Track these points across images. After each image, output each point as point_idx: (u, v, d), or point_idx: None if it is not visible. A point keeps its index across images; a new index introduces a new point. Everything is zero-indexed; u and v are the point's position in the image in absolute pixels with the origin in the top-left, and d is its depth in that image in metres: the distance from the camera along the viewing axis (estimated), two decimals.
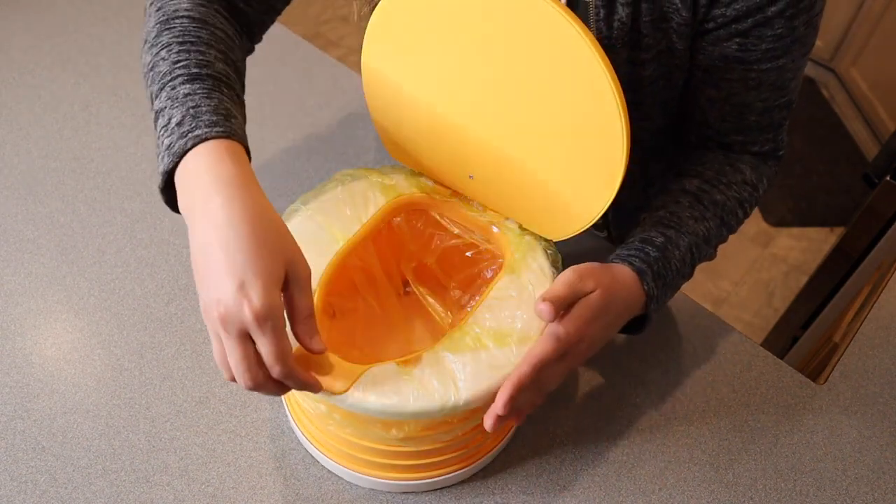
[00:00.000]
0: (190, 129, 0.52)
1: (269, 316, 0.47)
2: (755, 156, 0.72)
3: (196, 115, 0.53)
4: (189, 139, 0.52)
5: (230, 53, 0.61)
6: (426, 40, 0.61)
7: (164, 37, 0.59)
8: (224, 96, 0.56)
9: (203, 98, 0.54)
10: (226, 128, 0.52)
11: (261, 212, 0.49)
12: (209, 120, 0.52)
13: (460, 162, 0.67)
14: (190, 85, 0.55)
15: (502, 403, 0.54)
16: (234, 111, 0.55)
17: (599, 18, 0.62)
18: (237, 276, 0.47)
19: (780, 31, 0.60)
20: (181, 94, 0.54)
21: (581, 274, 0.57)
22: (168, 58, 0.57)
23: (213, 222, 0.48)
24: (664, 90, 0.69)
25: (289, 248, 0.50)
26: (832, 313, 1.09)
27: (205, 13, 0.62)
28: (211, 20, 0.62)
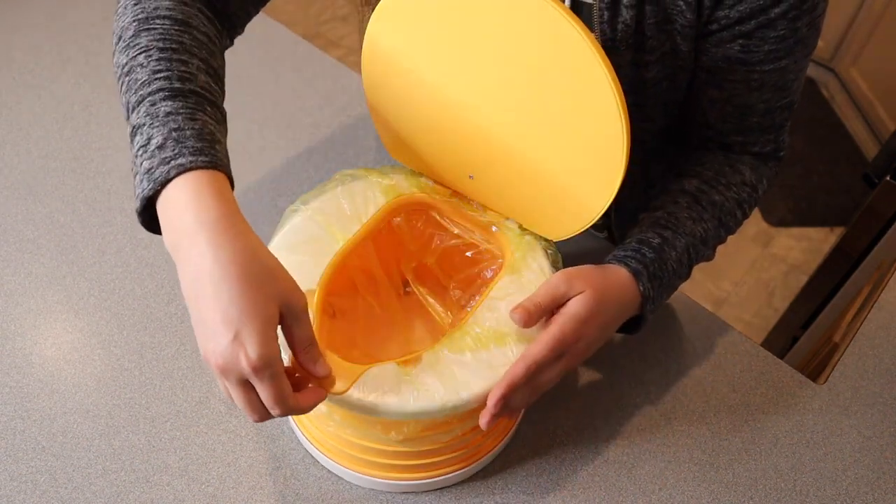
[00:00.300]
0: (172, 155, 0.49)
1: (266, 366, 0.46)
2: (756, 156, 0.72)
3: (179, 140, 0.50)
4: (172, 167, 0.49)
5: (212, 60, 0.57)
6: (427, 41, 0.61)
7: (143, 38, 0.55)
8: (208, 117, 0.53)
9: (186, 119, 0.51)
10: (210, 157, 0.50)
11: (249, 254, 0.47)
12: (193, 147, 0.49)
13: (460, 162, 0.67)
14: (172, 102, 0.51)
15: (493, 403, 0.54)
16: (217, 134, 0.53)
17: (603, 21, 0.62)
18: (231, 327, 0.46)
19: (783, 33, 0.60)
20: (162, 112, 0.51)
21: (568, 277, 0.58)
22: (147, 65, 0.53)
23: (200, 270, 0.47)
24: (667, 92, 0.69)
25: (281, 285, 0.48)
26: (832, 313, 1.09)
27: (187, 13, 0.58)
28: (194, 21, 0.58)
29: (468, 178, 0.68)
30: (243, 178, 0.90)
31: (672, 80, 0.67)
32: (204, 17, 0.60)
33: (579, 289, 0.57)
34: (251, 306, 0.46)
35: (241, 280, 0.46)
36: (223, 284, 0.46)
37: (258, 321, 0.46)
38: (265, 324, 0.46)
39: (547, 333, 0.55)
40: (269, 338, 0.46)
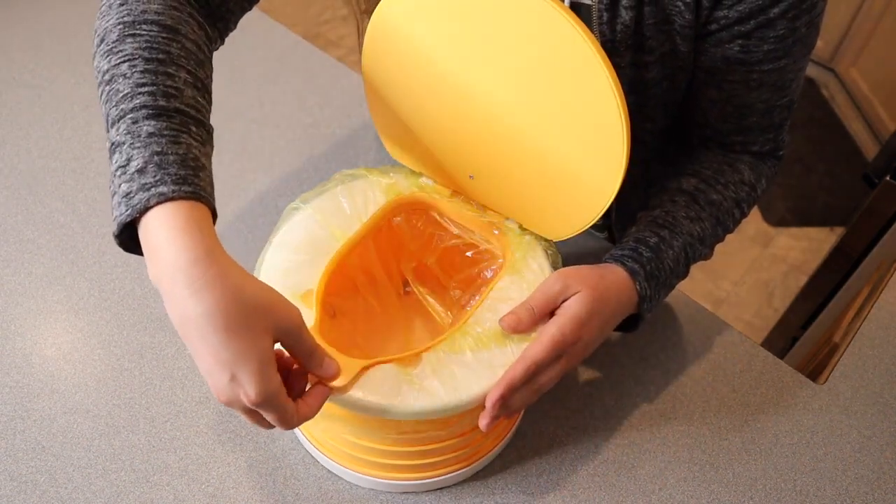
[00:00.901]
0: (153, 182, 0.46)
1: (266, 401, 0.46)
2: (755, 155, 0.72)
3: (161, 166, 0.47)
4: (152, 195, 0.46)
5: (199, 71, 0.54)
6: (427, 41, 0.61)
7: (128, 44, 0.52)
8: (192, 138, 0.50)
9: (170, 143, 0.48)
10: (193, 187, 0.47)
11: (231, 297, 0.45)
12: (175, 175, 0.47)
13: (461, 162, 0.67)
14: (155, 122, 0.48)
15: (492, 404, 0.54)
16: (202, 159, 0.50)
17: (603, 22, 0.62)
18: (227, 369, 0.45)
19: (783, 33, 0.60)
20: (144, 131, 0.48)
21: (564, 277, 0.58)
22: (130, 76, 0.50)
23: (184, 317, 0.45)
24: (667, 92, 0.69)
25: (271, 316, 0.47)
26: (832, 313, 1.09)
27: (176, 19, 0.55)
28: (183, 28, 0.55)
29: (468, 177, 0.68)
30: (243, 178, 0.90)
31: (672, 80, 0.67)
32: (195, 21, 0.57)
33: (576, 289, 0.57)
34: (242, 349, 0.45)
35: (228, 327, 0.45)
36: (209, 334, 0.45)
37: (252, 362, 0.45)
38: (260, 363, 0.46)
39: (545, 334, 0.55)
40: (266, 375, 0.46)
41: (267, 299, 0.47)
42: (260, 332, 0.46)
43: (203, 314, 0.44)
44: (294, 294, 0.60)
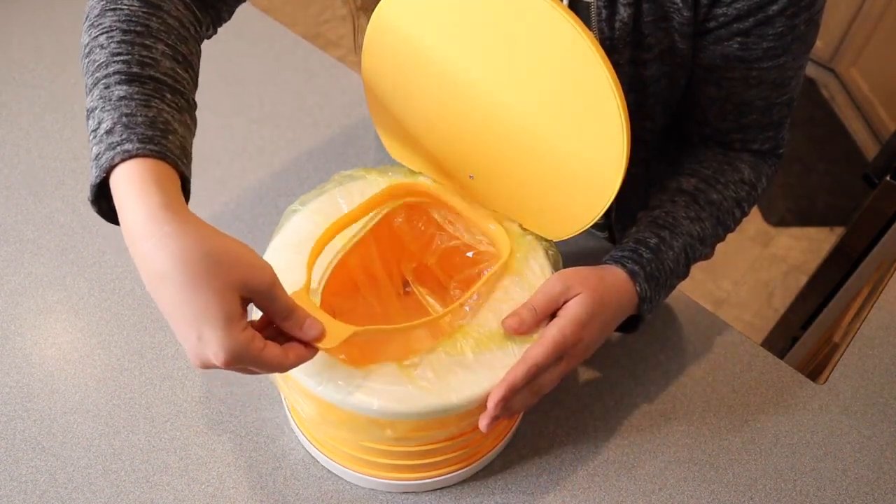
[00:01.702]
0: (119, 140, 0.46)
1: (236, 360, 0.45)
2: (755, 154, 0.72)
3: (129, 126, 0.47)
4: (117, 153, 0.46)
5: (181, 46, 0.54)
6: (426, 41, 0.61)
7: (108, 18, 0.52)
8: (166, 105, 0.50)
9: (140, 106, 0.48)
10: (159, 147, 0.47)
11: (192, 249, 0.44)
12: (142, 134, 0.47)
13: (461, 161, 0.67)
14: (127, 87, 0.49)
15: (493, 405, 0.54)
16: (174, 124, 0.49)
17: (601, 19, 0.62)
18: (193, 328, 0.44)
19: (782, 30, 0.60)
20: (115, 95, 0.48)
21: (565, 278, 0.58)
22: (107, 46, 0.50)
23: (150, 272, 0.44)
24: (667, 90, 0.69)
25: (235, 271, 0.45)
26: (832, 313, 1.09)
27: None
28: (165, 5, 0.55)
29: (468, 178, 0.68)
30: (243, 178, 0.90)
31: (671, 78, 0.67)
32: (180, 1, 0.58)
33: (577, 290, 0.57)
34: (206, 305, 0.44)
35: (190, 281, 0.44)
36: (173, 288, 0.44)
37: (216, 318, 0.44)
38: (224, 320, 0.44)
39: (546, 335, 0.56)
40: (231, 334, 0.44)
41: (232, 254, 0.45)
42: (224, 288, 0.44)
43: (164, 270, 0.44)
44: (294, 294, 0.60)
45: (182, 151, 0.49)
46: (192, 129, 0.53)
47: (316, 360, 0.56)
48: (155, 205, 0.45)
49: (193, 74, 0.55)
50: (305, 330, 0.50)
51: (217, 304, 0.44)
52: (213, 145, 0.93)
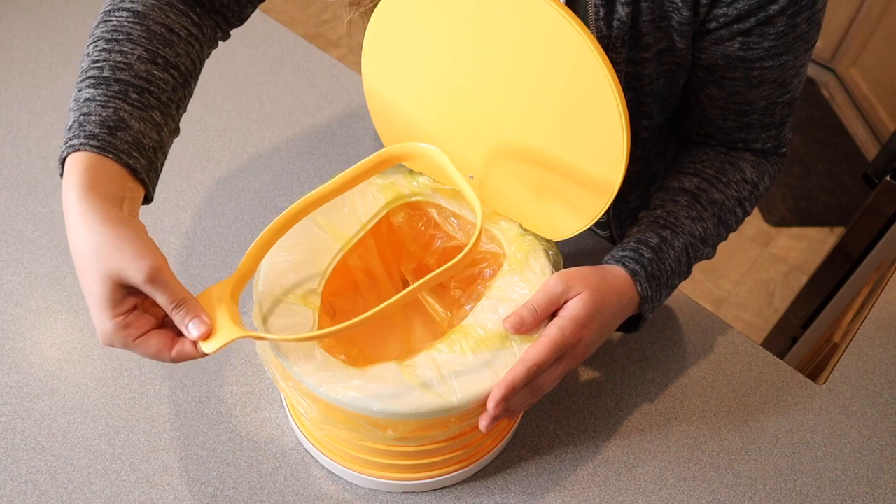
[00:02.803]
0: (71, 136, 0.53)
1: (108, 341, 0.50)
2: (757, 153, 0.72)
3: (82, 124, 0.53)
4: (67, 147, 0.52)
5: (163, 50, 0.59)
6: (426, 41, 0.61)
7: (99, 29, 0.59)
8: (127, 104, 0.54)
9: (98, 106, 0.54)
10: (101, 142, 0.52)
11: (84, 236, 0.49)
12: (90, 132, 0.52)
13: (461, 162, 0.67)
14: (93, 90, 0.55)
15: (494, 404, 0.54)
16: (131, 122, 0.54)
17: (599, 18, 0.62)
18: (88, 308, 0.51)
19: (783, 29, 0.60)
20: (82, 97, 0.55)
21: (566, 278, 0.58)
22: (91, 54, 0.57)
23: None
24: (665, 88, 0.69)
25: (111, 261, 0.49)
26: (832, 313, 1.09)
27: (149, 6, 0.60)
28: (152, 13, 0.60)
29: (468, 178, 0.68)
30: (243, 178, 0.90)
31: (669, 77, 0.67)
32: (173, 10, 0.62)
33: (578, 290, 0.57)
34: (88, 290, 0.49)
35: (79, 266, 0.50)
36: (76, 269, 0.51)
37: (92, 303, 0.49)
38: (98, 305, 0.49)
39: (547, 336, 0.55)
40: (102, 319, 0.49)
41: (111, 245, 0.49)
42: (99, 276, 0.49)
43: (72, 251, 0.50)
44: (294, 294, 0.60)
45: (133, 146, 0.54)
46: (163, 123, 0.58)
47: (316, 360, 0.56)
48: (73, 195, 0.51)
49: (177, 74, 0.60)
50: (189, 328, 0.51)
51: (93, 290, 0.49)
52: (214, 145, 0.93)
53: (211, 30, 0.68)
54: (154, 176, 0.57)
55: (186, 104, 0.63)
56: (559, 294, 0.57)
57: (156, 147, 0.57)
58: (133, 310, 0.51)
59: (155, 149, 0.57)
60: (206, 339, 0.51)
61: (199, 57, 0.65)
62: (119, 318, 0.50)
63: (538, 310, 0.57)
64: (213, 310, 0.53)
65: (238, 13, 0.70)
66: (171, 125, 0.59)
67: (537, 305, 0.57)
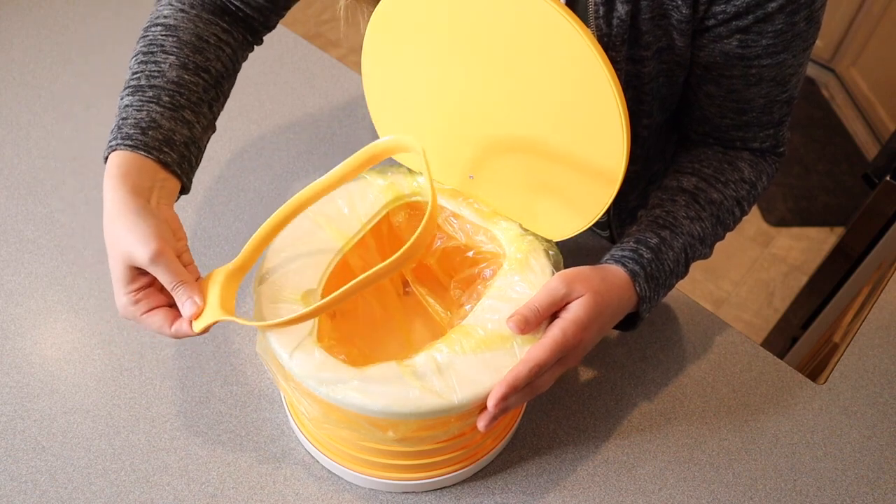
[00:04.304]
0: (112, 139, 0.61)
1: (122, 314, 0.57)
2: (755, 152, 0.72)
3: (120, 127, 0.61)
4: (108, 147, 0.61)
5: (194, 56, 0.66)
6: (426, 41, 0.61)
7: (139, 45, 0.66)
8: (159, 106, 0.62)
9: (134, 111, 0.62)
10: (134, 141, 0.60)
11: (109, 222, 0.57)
12: (125, 133, 0.60)
13: (461, 162, 0.67)
14: (131, 97, 0.63)
15: (494, 404, 0.54)
16: (162, 121, 0.62)
17: (599, 16, 0.62)
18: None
19: (781, 27, 0.60)
20: (122, 105, 0.63)
21: (568, 280, 0.58)
22: (132, 67, 0.65)
23: None
24: (664, 87, 0.69)
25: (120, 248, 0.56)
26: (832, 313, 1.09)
27: (181, 19, 0.67)
28: (184, 25, 0.67)
29: (468, 178, 0.68)
30: (243, 178, 0.90)
31: (669, 75, 0.67)
32: (202, 20, 0.69)
33: (580, 292, 0.57)
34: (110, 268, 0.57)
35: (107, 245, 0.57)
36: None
37: (112, 280, 0.57)
38: (115, 282, 0.56)
39: (549, 337, 0.56)
40: (118, 295, 0.56)
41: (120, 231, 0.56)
42: (115, 257, 0.56)
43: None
44: (294, 294, 0.60)
45: (164, 142, 0.61)
46: (194, 120, 0.64)
47: (316, 360, 0.56)
48: (108, 187, 0.58)
49: (207, 76, 0.67)
50: (184, 306, 0.56)
51: (113, 269, 0.56)
52: (214, 145, 0.93)
53: (241, 35, 0.73)
54: (187, 167, 0.63)
55: (222, 103, 0.70)
56: (561, 296, 0.57)
57: (187, 142, 0.63)
58: (146, 288, 0.57)
59: (186, 144, 0.63)
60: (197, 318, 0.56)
61: (231, 60, 0.70)
62: (130, 294, 0.56)
63: (540, 310, 0.57)
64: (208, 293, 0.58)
65: (263, 22, 0.74)
66: (202, 122, 0.65)
67: (539, 306, 0.57)
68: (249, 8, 0.72)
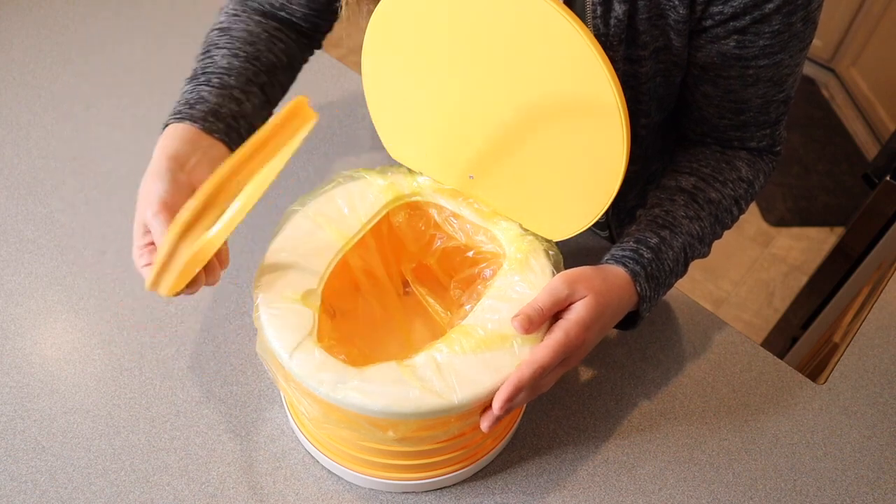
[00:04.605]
0: (169, 114, 0.68)
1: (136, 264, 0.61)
2: (752, 151, 0.72)
3: (176, 106, 0.68)
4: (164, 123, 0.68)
5: (245, 48, 0.73)
6: (426, 40, 0.61)
7: (202, 47, 0.75)
8: (208, 87, 0.69)
9: (187, 94, 0.69)
10: (181, 115, 0.67)
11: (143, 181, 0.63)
12: (177, 110, 0.68)
13: (460, 162, 0.67)
14: (188, 86, 0.70)
15: (500, 405, 0.54)
16: (210, 97, 0.68)
17: (596, 16, 0.62)
18: None
19: (778, 28, 0.61)
20: (182, 91, 0.71)
21: (570, 280, 0.58)
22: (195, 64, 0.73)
23: None
24: (662, 87, 0.69)
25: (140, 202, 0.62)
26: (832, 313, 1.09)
27: (234, 21, 0.76)
28: (236, 25, 0.75)
29: (468, 178, 0.68)
30: None
31: (666, 75, 0.67)
32: (253, 21, 0.76)
33: (582, 293, 0.58)
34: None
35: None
36: None
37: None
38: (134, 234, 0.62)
39: (552, 338, 0.56)
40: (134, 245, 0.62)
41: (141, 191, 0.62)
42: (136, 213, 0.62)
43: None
44: (294, 294, 0.60)
45: (209, 113, 0.67)
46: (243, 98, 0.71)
47: (316, 360, 0.56)
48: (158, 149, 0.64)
49: (258, 63, 0.73)
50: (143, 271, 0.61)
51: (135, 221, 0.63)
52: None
53: (294, 35, 0.79)
54: (236, 136, 0.69)
55: (279, 90, 0.76)
56: (564, 296, 0.57)
57: (235, 115, 0.69)
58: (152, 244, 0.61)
59: (234, 117, 0.69)
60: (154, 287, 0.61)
61: (284, 53, 0.76)
62: (137, 248, 0.61)
63: (544, 310, 0.57)
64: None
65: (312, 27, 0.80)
66: (253, 101, 0.71)
67: (543, 305, 0.57)
68: (295, 16, 0.77)
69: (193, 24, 1.13)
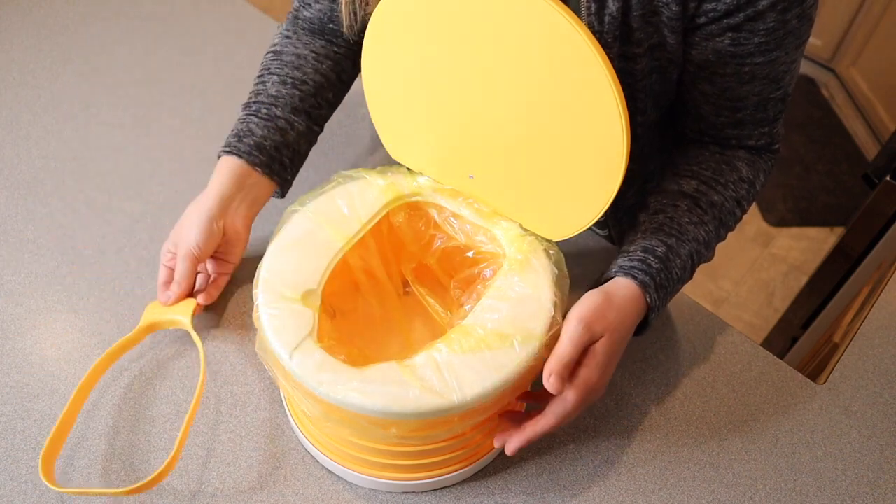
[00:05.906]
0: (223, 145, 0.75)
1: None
2: (751, 150, 0.72)
3: (228, 138, 0.75)
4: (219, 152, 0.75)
5: (293, 73, 0.78)
6: (426, 41, 0.61)
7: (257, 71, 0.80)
8: (257, 118, 0.75)
9: (239, 123, 0.76)
10: (231, 148, 0.74)
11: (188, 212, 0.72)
12: (227, 142, 0.74)
13: (460, 162, 0.67)
14: (242, 113, 0.77)
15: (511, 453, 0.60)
16: (256, 129, 0.74)
17: (591, 13, 0.62)
18: None
19: (773, 25, 0.61)
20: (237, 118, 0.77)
21: (587, 323, 0.58)
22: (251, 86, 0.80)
23: None
24: (658, 84, 0.69)
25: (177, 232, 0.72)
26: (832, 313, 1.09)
27: (285, 44, 0.80)
28: (287, 49, 0.80)
29: (468, 178, 0.68)
30: None
31: (662, 73, 0.67)
32: (301, 42, 0.80)
33: (600, 333, 0.59)
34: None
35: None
36: None
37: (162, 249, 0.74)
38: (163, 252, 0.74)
39: (575, 387, 0.57)
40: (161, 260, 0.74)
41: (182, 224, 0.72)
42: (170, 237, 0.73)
43: None
44: (294, 294, 0.60)
45: (254, 147, 0.74)
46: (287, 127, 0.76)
47: (316, 360, 0.56)
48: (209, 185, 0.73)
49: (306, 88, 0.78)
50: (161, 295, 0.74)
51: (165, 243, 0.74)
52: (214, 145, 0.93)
53: (343, 48, 0.82)
54: (278, 167, 0.75)
55: (325, 109, 0.81)
56: (585, 342, 0.58)
57: (278, 146, 0.75)
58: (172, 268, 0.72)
59: (278, 147, 0.75)
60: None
61: (332, 69, 0.80)
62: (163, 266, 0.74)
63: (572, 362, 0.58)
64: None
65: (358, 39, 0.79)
66: (298, 128, 0.77)
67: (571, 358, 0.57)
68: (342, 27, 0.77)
69: (193, 24, 1.13)
